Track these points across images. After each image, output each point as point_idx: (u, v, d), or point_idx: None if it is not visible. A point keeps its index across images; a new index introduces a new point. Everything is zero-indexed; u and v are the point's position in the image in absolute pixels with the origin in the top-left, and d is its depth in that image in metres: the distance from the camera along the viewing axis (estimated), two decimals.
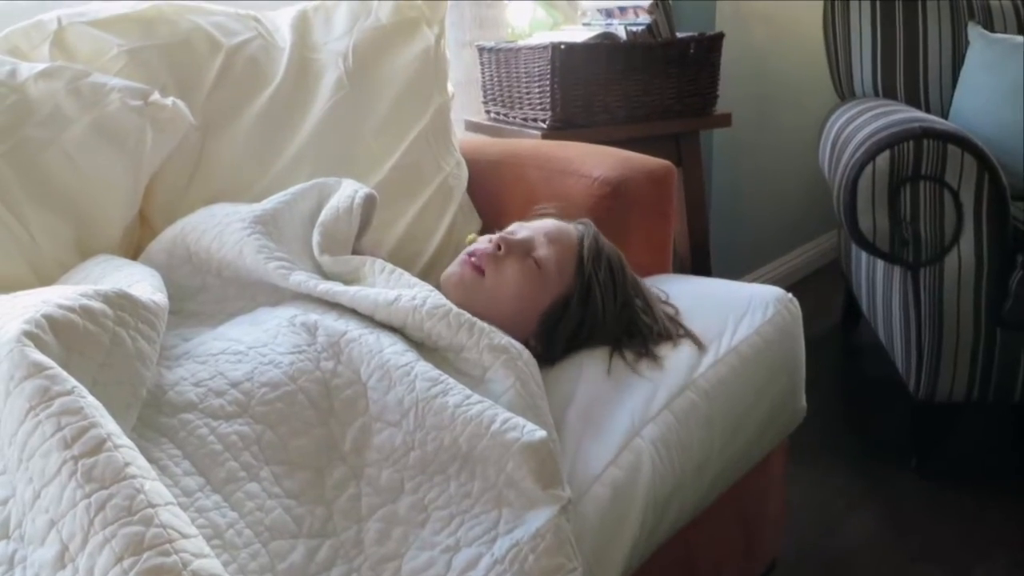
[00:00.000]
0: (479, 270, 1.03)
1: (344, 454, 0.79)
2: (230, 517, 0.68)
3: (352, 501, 0.76)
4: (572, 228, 1.10)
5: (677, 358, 1.05)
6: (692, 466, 1.00)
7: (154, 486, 0.59)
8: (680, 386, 1.01)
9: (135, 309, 0.76)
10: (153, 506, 0.57)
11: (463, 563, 0.72)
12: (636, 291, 1.11)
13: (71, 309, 0.69)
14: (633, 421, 0.96)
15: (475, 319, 0.93)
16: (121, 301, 0.75)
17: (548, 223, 1.10)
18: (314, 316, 0.90)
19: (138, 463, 0.60)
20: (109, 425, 0.61)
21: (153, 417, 0.73)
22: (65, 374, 0.63)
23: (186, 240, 1.03)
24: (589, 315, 1.05)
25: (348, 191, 1.11)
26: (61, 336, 0.67)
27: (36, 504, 0.58)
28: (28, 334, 0.64)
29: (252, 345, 0.83)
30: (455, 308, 0.93)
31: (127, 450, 0.60)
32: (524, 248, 1.04)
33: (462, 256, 1.06)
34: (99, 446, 0.59)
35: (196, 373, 0.79)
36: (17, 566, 0.58)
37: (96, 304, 0.72)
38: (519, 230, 1.08)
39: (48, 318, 0.67)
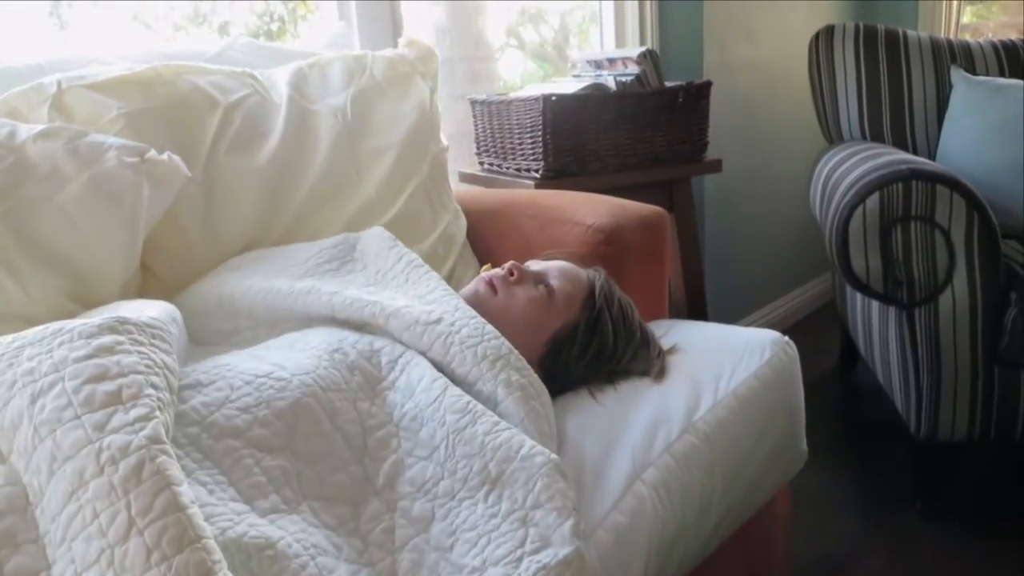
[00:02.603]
0: (493, 288, 1.08)
1: (378, 489, 0.80)
2: (280, 532, 0.69)
3: (386, 533, 0.77)
4: (583, 271, 1.15)
5: (674, 400, 1.05)
6: (694, 510, 0.99)
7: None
8: (679, 429, 1.01)
9: (141, 328, 0.76)
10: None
11: None
12: (643, 331, 1.15)
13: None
14: (634, 465, 0.95)
15: (501, 351, 0.94)
16: (127, 327, 0.75)
17: (562, 263, 1.15)
18: (351, 352, 0.91)
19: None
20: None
21: (199, 437, 0.74)
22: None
23: (216, 289, 1.09)
24: (596, 342, 1.08)
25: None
26: None
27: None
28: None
29: (295, 372, 0.85)
30: (487, 340, 0.95)
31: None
32: (536, 277, 1.10)
33: (479, 277, 1.11)
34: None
35: (242, 396, 0.79)
36: None
37: (107, 338, 0.72)
38: (533, 264, 1.13)
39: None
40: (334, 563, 0.70)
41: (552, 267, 1.12)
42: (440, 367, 0.94)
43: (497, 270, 1.11)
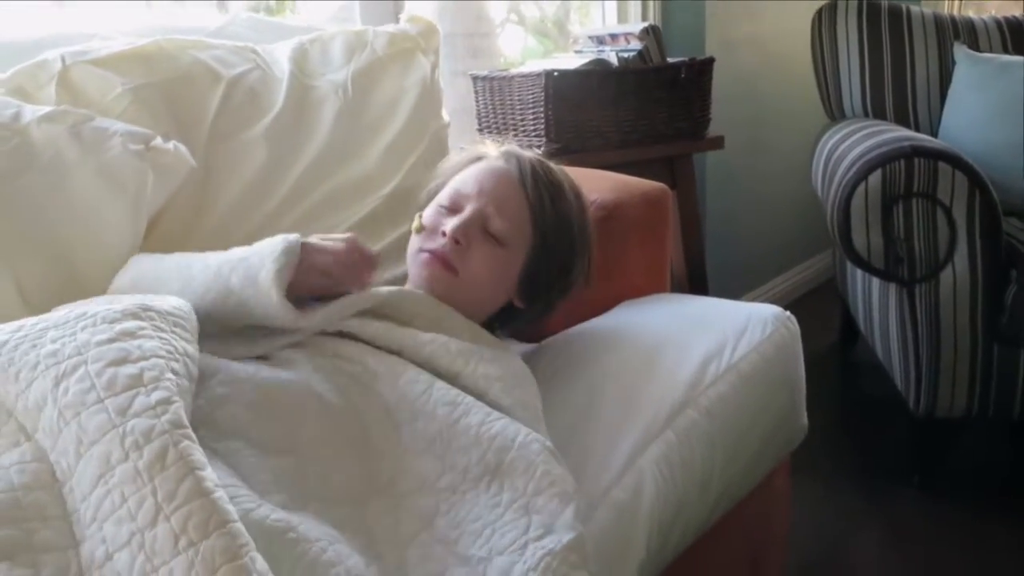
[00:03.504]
0: (451, 269, 1.01)
1: (381, 487, 0.80)
2: (299, 518, 0.70)
3: (391, 529, 0.77)
4: (505, 167, 1.08)
5: (675, 375, 1.06)
6: (695, 485, 1.00)
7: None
8: (680, 405, 1.02)
9: (163, 315, 0.77)
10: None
11: (497, 573, 0.73)
12: (577, 197, 1.12)
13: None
14: (635, 442, 0.96)
15: (472, 347, 0.93)
16: (149, 313, 0.76)
17: (483, 179, 1.06)
18: (334, 358, 0.90)
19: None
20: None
21: (203, 438, 0.73)
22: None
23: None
24: (557, 256, 1.08)
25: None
26: None
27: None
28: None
29: (295, 379, 0.84)
30: (454, 340, 0.93)
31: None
32: (478, 226, 1.02)
33: (422, 256, 1.03)
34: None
35: (245, 393, 0.79)
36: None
37: (129, 323, 0.73)
38: (462, 200, 1.04)
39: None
40: (348, 551, 0.70)
41: (484, 201, 1.03)
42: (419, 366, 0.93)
43: (435, 238, 1.02)
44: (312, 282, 0.92)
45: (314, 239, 0.95)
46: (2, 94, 1.10)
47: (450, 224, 1.01)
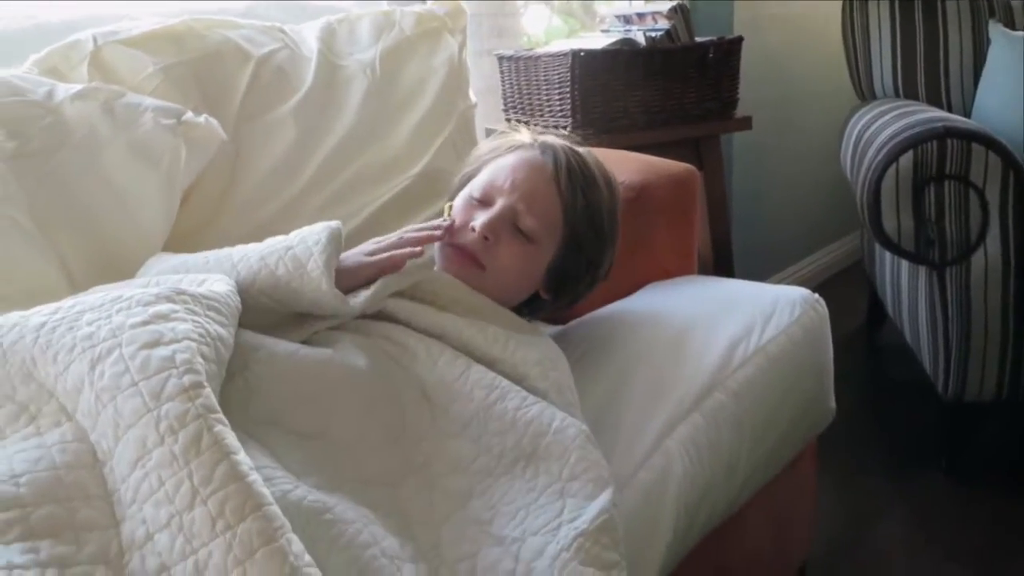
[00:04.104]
0: (479, 265, 1.01)
1: (416, 468, 0.81)
2: (335, 499, 0.71)
3: (425, 511, 0.78)
4: (540, 160, 1.06)
5: (703, 357, 1.06)
6: (722, 467, 1.00)
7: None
8: (708, 387, 1.02)
9: (196, 298, 0.77)
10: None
11: (530, 554, 0.73)
12: (611, 190, 1.11)
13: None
14: (662, 423, 0.96)
15: (509, 333, 0.94)
16: (183, 297, 0.77)
17: (517, 172, 1.04)
18: (378, 338, 0.91)
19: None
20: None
21: (241, 420, 0.75)
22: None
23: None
24: (586, 252, 1.07)
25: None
26: None
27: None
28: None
29: (335, 359, 0.85)
30: (492, 326, 0.94)
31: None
32: (508, 222, 1.02)
33: (449, 250, 1.03)
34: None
35: (284, 372, 0.80)
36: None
37: (163, 306, 0.74)
38: (494, 194, 1.03)
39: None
40: (383, 532, 0.71)
41: (516, 196, 1.02)
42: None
43: (471, 237, 1.01)
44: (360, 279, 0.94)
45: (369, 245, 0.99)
46: (36, 75, 1.11)
47: (479, 220, 1.01)
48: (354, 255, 0.97)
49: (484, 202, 1.04)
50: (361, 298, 0.91)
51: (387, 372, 0.87)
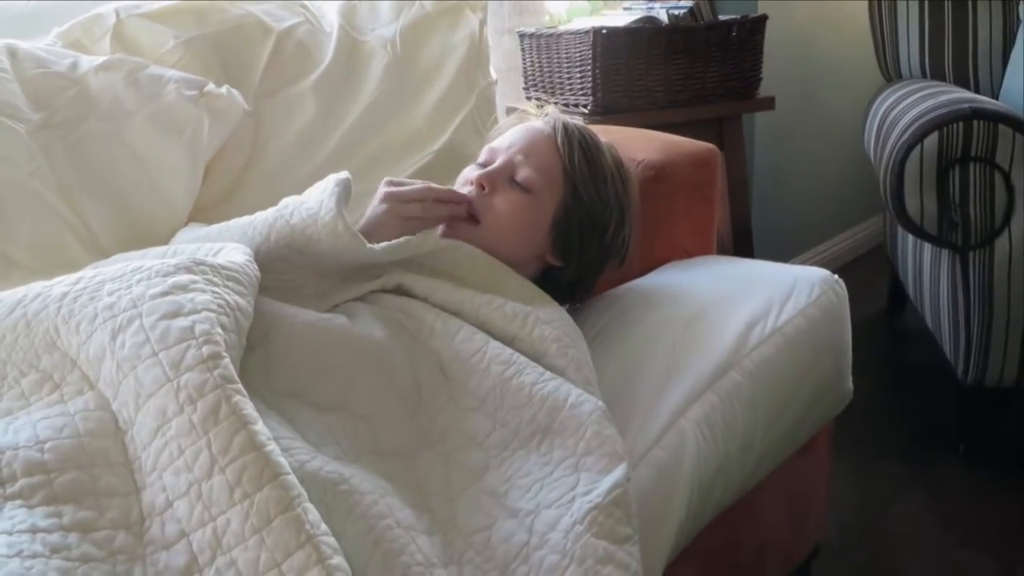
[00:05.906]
0: (473, 220, 1.02)
1: (432, 442, 0.82)
2: (352, 470, 0.72)
3: (441, 484, 0.79)
4: (541, 126, 1.08)
5: (720, 337, 1.05)
6: (737, 447, 1.00)
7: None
8: (724, 366, 1.02)
9: (216, 269, 0.78)
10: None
11: (544, 526, 0.74)
12: (618, 165, 1.11)
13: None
14: (677, 402, 0.96)
15: (528, 308, 0.93)
16: (202, 267, 0.78)
17: (516, 134, 1.07)
18: (396, 312, 0.92)
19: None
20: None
21: (259, 391, 0.75)
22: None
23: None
24: (589, 209, 1.05)
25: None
26: None
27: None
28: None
29: (355, 331, 0.86)
30: (510, 302, 0.94)
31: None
32: (506, 175, 1.03)
33: (448, 210, 1.03)
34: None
35: (304, 343, 0.82)
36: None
37: (182, 276, 0.75)
38: (493, 155, 1.06)
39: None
40: (399, 503, 0.72)
41: (513, 152, 1.04)
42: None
43: (467, 188, 1.03)
44: (392, 231, 0.96)
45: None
46: (59, 47, 1.12)
47: (475, 173, 1.03)
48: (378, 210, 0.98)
49: (485, 165, 1.05)
50: (383, 247, 0.93)
51: (405, 346, 0.88)
